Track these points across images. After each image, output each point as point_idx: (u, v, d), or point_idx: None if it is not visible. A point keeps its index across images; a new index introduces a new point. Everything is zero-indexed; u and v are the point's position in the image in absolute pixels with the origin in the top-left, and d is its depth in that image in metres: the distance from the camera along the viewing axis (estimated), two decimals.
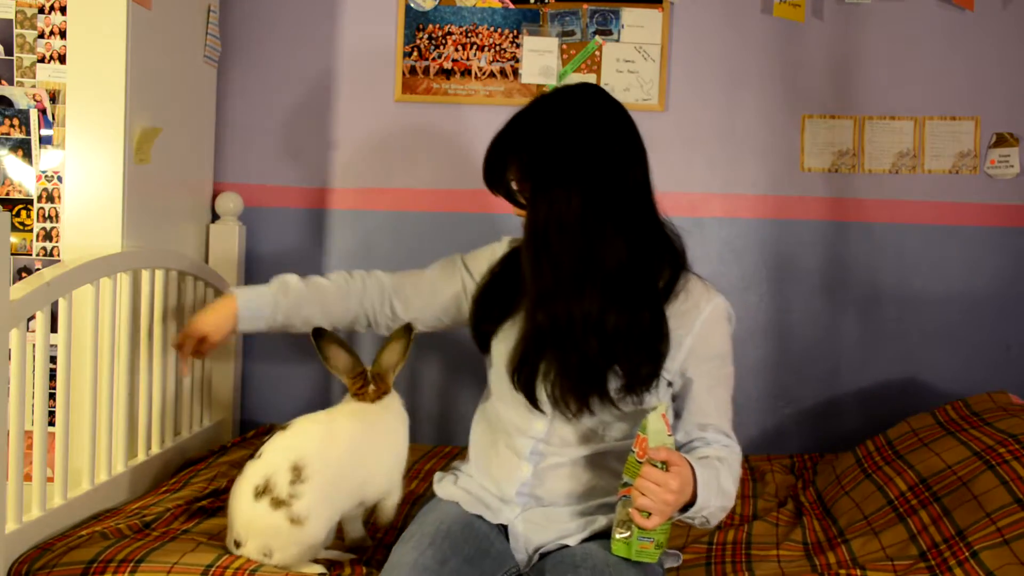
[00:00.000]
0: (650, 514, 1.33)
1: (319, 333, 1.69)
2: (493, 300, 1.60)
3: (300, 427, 1.62)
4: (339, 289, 1.79)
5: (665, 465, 1.33)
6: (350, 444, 1.61)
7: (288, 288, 1.77)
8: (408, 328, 1.69)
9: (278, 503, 1.51)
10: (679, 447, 1.53)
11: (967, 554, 1.55)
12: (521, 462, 1.56)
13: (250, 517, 1.53)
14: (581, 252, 1.43)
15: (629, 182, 1.48)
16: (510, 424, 1.57)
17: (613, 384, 1.47)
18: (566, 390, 1.46)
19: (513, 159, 1.50)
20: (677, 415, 1.54)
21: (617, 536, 1.38)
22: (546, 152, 1.46)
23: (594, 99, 1.51)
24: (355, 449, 1.61)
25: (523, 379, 1.50)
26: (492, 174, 1.53)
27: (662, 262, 1.52)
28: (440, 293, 1.74)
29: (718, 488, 1.41)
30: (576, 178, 1.43)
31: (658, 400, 1.50)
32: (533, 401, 1.51)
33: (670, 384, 1.53)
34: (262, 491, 1.52)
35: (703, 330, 1.50)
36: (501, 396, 1.59)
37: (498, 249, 1.69)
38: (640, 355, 1.45)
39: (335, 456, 1.57)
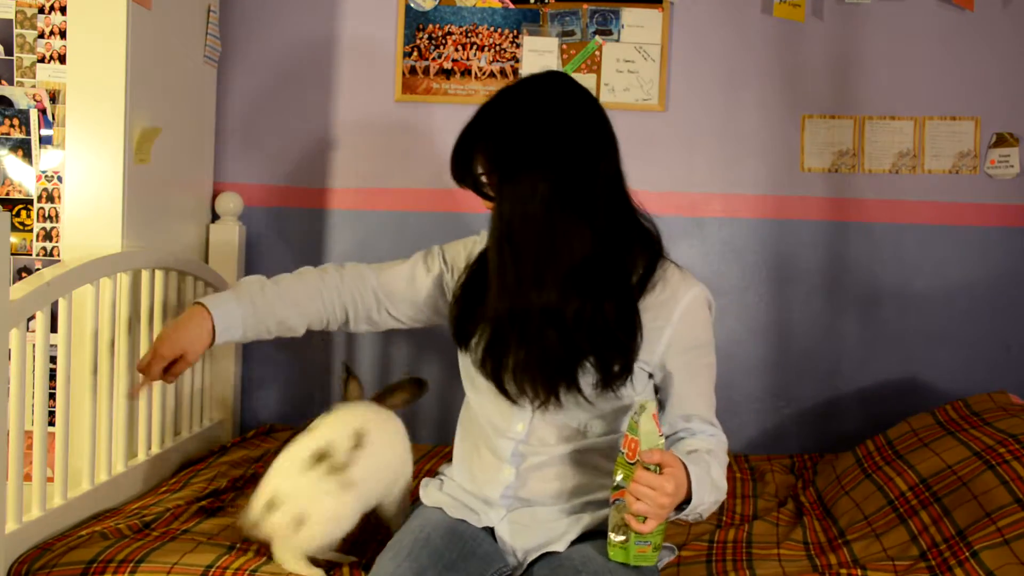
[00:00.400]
0: (646, 518, 1.31)
1: (348, 371, 1.73)
2: (472, 298, 1.57)
3: (353, 406, 1.67)
4: (312, 286, 1.69)
5: (658, 467, 1.31)
6: (397, 427, 1.68)
7: (261, 293, 1.65)
8: (419, 383, 1.74)
9: (334, 469, 1.53)
10: (666, 438, 1.51)
11: (967, 554, 1.55)
12: (503, 465, 1.54)
13: (299, 482, 1.53)
14: (544, 243, 1.40)
15: (598, 171, 1.44)
16: (490, 426, 1.56)
17: (587, 379, 1.45)
18: (532, 381, 1.45)
19: (480, 149, 1.47)
20: (660, 406, 1.53)
21: (613, 540, 1.36)
22: (512, 140, 1.43)
23: (561, 87, 1.47)
24: (399, 439, 1.68)
25: (491, 371, 1.49)
26: (458, 165, 1.49)
27: (635, 253, 1.49)
28: (423, 287, 1.69)
29: (711, 483, 1.40)
30: (542, 166, 1.40)
31: (635, 394, 1.48)
32: (504, 392, 1.49)
33: (651, 376, 1.51)
34: (320, 457, 1.53)
35: (682, 320, 1.48)
36: (481, 397, 1.58)
37: (477, 244, 1.66)
38: (609, 348, 1.43)
39: (390, 429, 1.65)
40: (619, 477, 1.35)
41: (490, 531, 1.55)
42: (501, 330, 1.46)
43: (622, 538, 1.35)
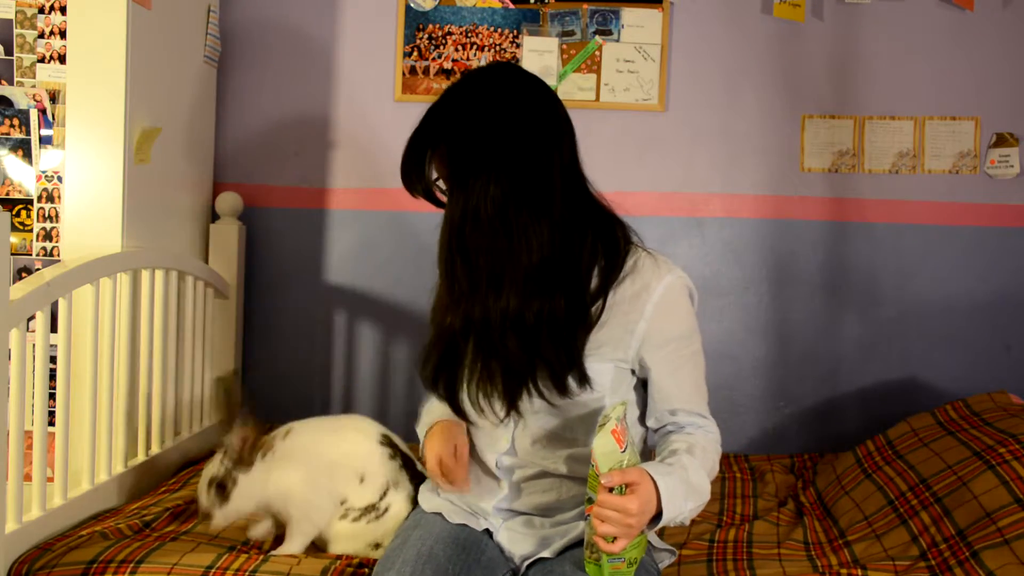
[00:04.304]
0: (615, 538, 1.26)
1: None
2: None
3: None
4: None
5: (623, 487, 1.26)
6: None
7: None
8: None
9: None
10: (654, 432, 1.50)
11: (967, 554, 1.55)
12: (494, 479, 1.51)
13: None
14: (500, 246, 1.34)
15: (554, 163, 1.37)
16: (478, 441, 1.53)
17: (546, 383, 1.39)
18: (489, 394, 1.40)
19: (434, 154, 1.39)
20: (644, 402, 1.49)
21: (588, 556, 1.33)
22: (464, 139, 1.36)
23: (508, 77, 1.41)
24: None
25: (445, 389, 1.45)
26: (409, 172, 1.41)
27: (597, 245, 1.42)
28: None
29: (686, 489, 1.33)
30: (495, 163, 1.34)
31: (604, 393, 1.42)
32: (457, 410, 1.45)
33: (634, 372, 1.46)
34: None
35: (656, 313, 1.41)
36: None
37: None
38: (556, 348, 1.37)
39: None
40: (590, 490, 1.31)
41: (489, 532, 1.54)
42: (454, 344, 1.41)
43: (595, 555, 1.31)
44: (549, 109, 1.41)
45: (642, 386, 1.50)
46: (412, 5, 2.53)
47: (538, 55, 2.51)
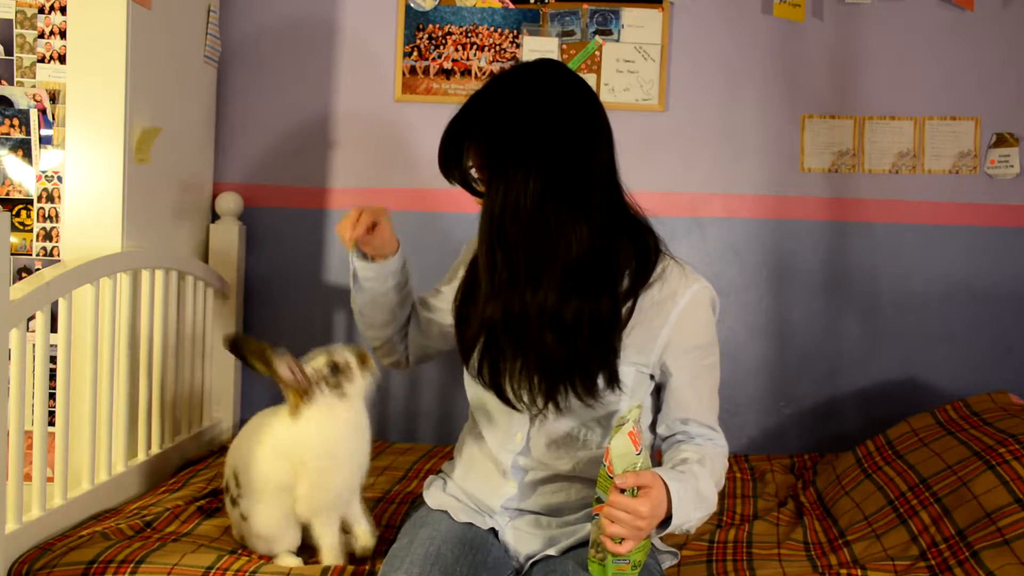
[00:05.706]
0: (623, 539, 1.27)
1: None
2: (469, 306, 1.49)
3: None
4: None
5: (635, 489, 1.27)
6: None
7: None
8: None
9: None
10: (663, 439, 1.51)
11: (967, 554, 1.55)
12: (505, 478, 1.52)
13: None
14: (538, 240, 1.35)
15: (592, 162, 1.39)
16: (491, 438, 1.53)
17: (576, 381, 1.40)
18: (530, 388, 1.41)
19: (471, 143, 1.41)
20: (659, 408, 1.50)
21: (592, 556, 1.34)
22: (503, 132, 1.37)
23: (553, 75, 1.42)
24: None
25: (488, 379, 1.45)
26: (447, 159, 1.42)
27: (629, 248, 1.44)
28: (445, 299, 1.64)
29: (696, 499, 1.34)
30: (535, 159, 1.35)
31: (626, 396, 1.44)
32: (505, 400, 1.45)
33: (652, 377, 1.48)
34: None
35: (681, 321, 1.43)
36: (480, 408, 1.55)
37: (470, 251, 1.61)
38: (593, 349, 1.38)
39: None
40: (600, 490, 1.32)
41: (494, 531, 1.54)
42: (495, 336, 1.42)
43: (600, 555, 1.32)
44: (590, 109, 1.42)
45: (655, 393, 1.51)
46: (412, 5, 2.53)
47: (538, 55, 2.51)
